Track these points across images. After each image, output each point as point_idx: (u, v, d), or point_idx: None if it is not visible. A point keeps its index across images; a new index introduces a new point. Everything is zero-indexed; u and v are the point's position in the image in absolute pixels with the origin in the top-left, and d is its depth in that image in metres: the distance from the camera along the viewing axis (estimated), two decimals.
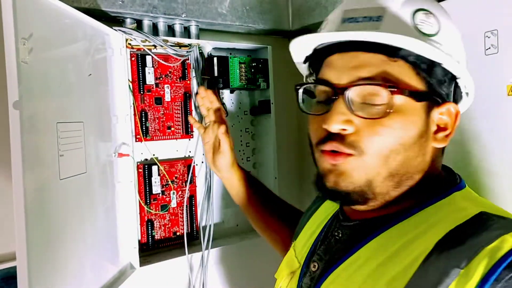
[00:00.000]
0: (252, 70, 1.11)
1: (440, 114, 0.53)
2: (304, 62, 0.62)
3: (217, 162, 0.91)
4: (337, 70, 0.52)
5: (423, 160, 0.52)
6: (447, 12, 0.55)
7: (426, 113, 0.51)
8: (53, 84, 0.67)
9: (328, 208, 0.67)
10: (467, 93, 0.58)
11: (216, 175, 0.96)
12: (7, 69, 0.54)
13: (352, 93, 0.50)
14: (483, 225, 0.46)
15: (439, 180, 0.55)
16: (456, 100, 0.56)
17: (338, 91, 0.50)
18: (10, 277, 0.84)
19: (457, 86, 0.55)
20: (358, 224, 0.55)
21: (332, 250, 0.56)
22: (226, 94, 1.14)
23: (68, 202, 0.71)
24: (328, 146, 0.51)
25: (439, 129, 0.53)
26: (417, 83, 0.50)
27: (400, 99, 0.49)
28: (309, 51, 0.59)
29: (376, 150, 0.49)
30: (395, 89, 0.48)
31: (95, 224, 0.81)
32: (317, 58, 0.57)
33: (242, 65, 1.10)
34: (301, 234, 0.69)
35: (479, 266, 0.41)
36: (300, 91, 0.57)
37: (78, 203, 0.75)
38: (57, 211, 0.67)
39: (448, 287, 0.41)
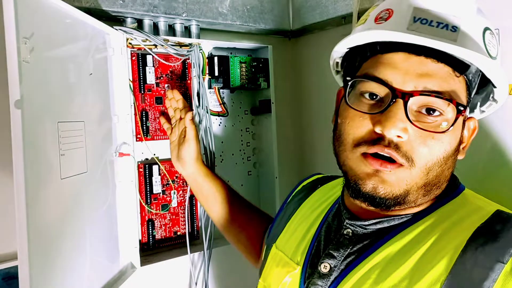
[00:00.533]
0: (253, 70, 1.11)
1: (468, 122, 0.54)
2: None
3: (182, 154, 0.89)
4: (401, 73, 0.49)
5: (452, 170, 0.54)
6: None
7: (463, 127, 0.52)
8: (54, 83, 0.67)
9: (318, 206, 0.66)
10: (482, 111, 0.59)
11: (181, 173, 0.95)
12: (8, 68, 0.54)
13: (413, 101, 0.48)
14: (508, 222, 0.48)
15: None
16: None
17: (400, 95, 0.48)
18: (11, 277, 0.84)
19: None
20: (374, 223, 0.54)
21: (345, 249, 0.54)
22: (226, 93, 1.14)
23: (69, 202, 0.71)
24: (375, 149, 0.49)
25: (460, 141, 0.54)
26: (465, 99, 0.51)
27: (460, 117, 0.49)
28: (361, 42, 0.55)
29: (424, 163, 0.48)
30: (463, 109, 0.48)
31: (96, 223, 0.81)
32: (369, 50, 0.53)
33: (243, 65, 1.10)
34: (285, 235, 0.66)
35: None
36: (350, 83, 0.53)
37: (79, 202, 0.74)
38: (58, 210, 0.67)
39: (496, 281, 0.43)
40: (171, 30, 1.04)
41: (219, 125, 1.13)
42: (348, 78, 0.53)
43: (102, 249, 0.84)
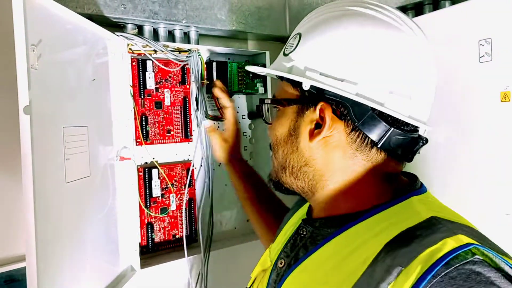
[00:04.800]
0: (250, 75, 1.13)
1: (314, 112, 0.56)
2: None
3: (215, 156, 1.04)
4: None
5: (304, 155, 0.59)
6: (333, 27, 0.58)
7: (297, 114, 0.59)
8: (59, 89, 0.68)
9: (301, 212, 0.72)
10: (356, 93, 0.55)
11: None
12: (18, 75, 0.55)
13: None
14: (431, 228, 0.47)
15: (399, 185, 0.58)
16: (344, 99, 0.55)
17: None
18: (13, 279, 0.85)
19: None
20: (318, 222, 0.60)
21: (297, 248, 0.61)
22: None
23: (73, 205, 0.72)
24: None
25: (318, 126, 0.57)
26: (293, 91, 0.60)
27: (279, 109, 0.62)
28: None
29: (272, 147, 0.64)
30: (269, 102, 0.65)
31: (96, 227, 0.82)
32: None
33: (241, 70, 1.12)
34: (278, 237, 0.73)
35: (419, 266, 0.43)
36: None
37: (82, 206, 0.76)
38: (63, 214, 0.68)
39: (389, 285, 0.43)
40: (171, 36, 1.05)
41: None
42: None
43: (103, 252, 0.85)
